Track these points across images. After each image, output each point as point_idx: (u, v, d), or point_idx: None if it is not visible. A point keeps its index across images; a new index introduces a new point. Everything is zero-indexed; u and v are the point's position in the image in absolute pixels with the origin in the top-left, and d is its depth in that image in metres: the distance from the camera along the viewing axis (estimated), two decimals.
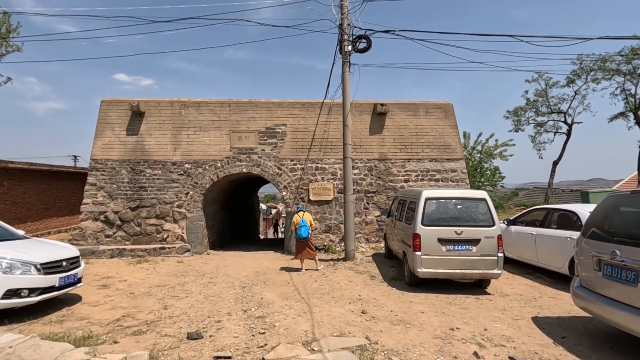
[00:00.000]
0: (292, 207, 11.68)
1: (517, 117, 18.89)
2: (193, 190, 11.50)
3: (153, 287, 7.26)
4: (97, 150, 11.47)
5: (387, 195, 12.01)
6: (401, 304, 5.78)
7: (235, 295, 6.58)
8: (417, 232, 6.38)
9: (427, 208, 6.49)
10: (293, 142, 11.94)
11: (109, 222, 11.17)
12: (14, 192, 13.10)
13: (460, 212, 6.50)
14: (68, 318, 5.44)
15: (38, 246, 6.08)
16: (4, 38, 11.36)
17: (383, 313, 5.36)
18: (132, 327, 5.02)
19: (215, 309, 5.74)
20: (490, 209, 6.44)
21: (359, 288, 6.77)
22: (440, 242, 6.31)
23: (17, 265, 5.21)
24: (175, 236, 11.31)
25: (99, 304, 6.23)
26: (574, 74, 16.57)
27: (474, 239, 6.27)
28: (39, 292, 5.33)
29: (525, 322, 4.99)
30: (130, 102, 11.44)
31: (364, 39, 9.42)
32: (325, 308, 5.61)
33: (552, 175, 18.18)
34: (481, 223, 6.38)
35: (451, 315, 5.27)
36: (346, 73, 9.57)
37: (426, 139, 12.41)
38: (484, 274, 6.29)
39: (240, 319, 5.26)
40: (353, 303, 5.86)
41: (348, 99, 9.68)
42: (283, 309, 5.68)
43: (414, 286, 6.78)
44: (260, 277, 8.05)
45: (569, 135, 17.98)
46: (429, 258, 6.30)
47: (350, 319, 5.09)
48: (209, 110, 11.84)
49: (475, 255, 6.25)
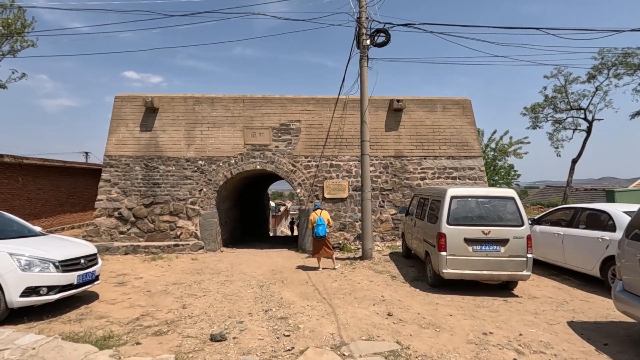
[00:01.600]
0: (307, 205, 11.52)
1: (535, 114, 18.45)
2: (207, 187, 11.39)
3: (170, 285, 7.15)
4: (111, 146, 11.40)
5: (403, 193, 11.78)
6: (427, 306, 5.58)
7: (254, 295, 6.43)
8: (442, 232, 6.16)
9: (452, 207, 6.26)
10: (307, 139, 11.76)
11: (122, 219, 11.12)
12: (29, 188, 13.13)
13: (488, 211, 6.26)
14: (87, 316, 5.34)
15: (56, 243, 5.98)
16: (19, 33, 11.33)
17: (410, 315, 5.16)
18: (153, 326, 4.90)
19: (235, 309, 5.60)
20: (519, 208, 6.19)
21: (381, 289, 6.58)
22: (467, 242, 6.09)
23: (36, 262, 5.11)
24: (189, 233, 11.22)
25: (116, 302, 6.14)
26: (595, 70, 16.12)
27: (502, 239, 6.03)
28: (57, 290, 5.23)
29: (561, 327, 4.75)
30: (144, 98, 11.35)
31: (383, 32, 9.17)
32: (349, 309, 5.43)
33: (570, 173, 17.72)
34: (509, 222, 6.13)
35: (481, 318, 5.06)
36: (364, 68, 9.34)
37: (443, 136, 12.14)
38: (513, 276, 6.05)
39: (262, 319, 5.10)
40: (377, 304, 5.67)
41: (366, 94, 9.46)
42: (305, 309, 5.52)
43: (437, 287, 6.57)
44: (277, 276, 7.90)
45: (589, 132, 17.50)
46: (454, 258, 6.07)
47: (376, 322, 4.91)
48: (222, 106, 11.70)
49: (504, 256, 6.01)
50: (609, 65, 15.92)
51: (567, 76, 17.19)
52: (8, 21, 10.87)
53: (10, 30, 10.98)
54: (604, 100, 17.16)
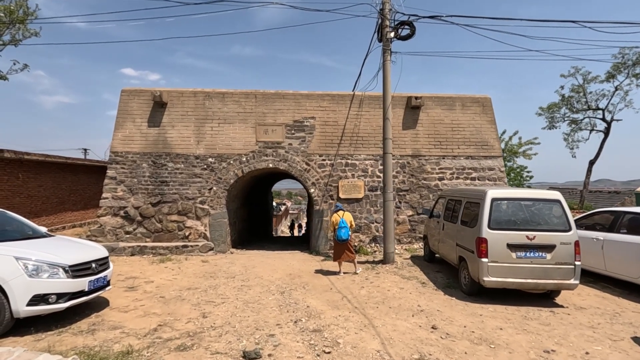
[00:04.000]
0: (321, 205, 11.06)
1: (551, 114, 18.00)
2: (217, 185, 10.90)
3: (184, 290, 6.67)
4: (117, 142, 10.89)
5: (420, 194, 11.33)
6: (471, 318, 5.13)
7: (276, 302, 5.97)
8: (483, 237, 5.71)
9: (494, 209, 5.81)
10: (322, 137, 11.29)
11: (129, 218, 10.61)
12: (29, 185, 12.59)
13: (532, 215, 5.81)
14: (99, 327, 4.85)
15: (64, 245, 5.48)
16: (21, 21, 10.77)
17: (456, 329, 4.71)
18: (174, 339, 4.42)
19: (261, 319, 5.13)
20: (565, 211, 5.75)
21: (414, 297, 6.12)
22: (510, 247, 5.64)
23: (44, 267, 4.61)
24: (198, 234, 10.73)
25: (129, 309, 5.65)
26: (614, 68, 15.70)
27: (548, 245, 5.59)
28: (67, 297, 4.73)
29: (627, 344, 4.31)
30: (152, 92, 10.85)
31: (407, 25, 8.72)
32: (387, 321, 4.97)
33: (587, 175, 17.28)
34: (556, 227, 5.69)
35: (535, 332, 4.61)
36: (387, 62, 8.88)
37: (462, 135, 11.70)
38: (560, 285, 5.61)
39: (294, 332, 4.64)
40: (416, 315, 5.21)
41: (389, 90, 9.00)
42: (338, 320, 5.05)
43: (474, 295, 6.12)
44: (297, 281, 7.43)
45: (607, 133, 17.07)
46: (497, 265, 5.62)
47: (422, 336, 4.45)
48: (233, 101, 11.21)
49: (550, 263, 5.57)
50: (629, 64, 15.50)
51: (585, 75, 16.76)
52: (10, 8, 10.32)
53: (12, 18, 10.43)
54: (624, 100, 16.71)
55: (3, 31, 10.75)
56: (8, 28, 10.67)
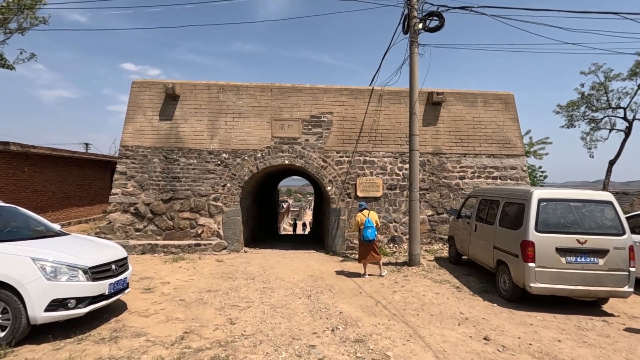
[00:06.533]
0: (338, 204, 10.67)
1: (570, 113, 17.59)
2: (230, 182, 10.50)
3: (203, 293, 6.30)
4: (127, 135, 10.48)
5: (441, 193, 10.95)
6: (522, 328, 4.75)
7: (305, 307, 5.59)
8: (529, 240, 5.33)
9: (541, 211, 5.43)
10: (340, 133, 10.88)
11: (139, 215, 10.22)
12: (35, 179, 12.19)
13: (582, 217, 5.43)
14: (121, 333, 4.47)
15: (82, 245, 5.08)
16: (30, 8, 10.32)
17: (510, 340, 4.33)
18: (205, 349, 4.04)
19: (294, 327, 4.75)
20: (618, 213, 5.37)
21: (453, 303, 5.74)
22: (559, 252, 5.26)
23: (63, 269, 4.21)
24: (211, 232, 10.35)
25: (149, 313, 5.27)
26: (637, 66, 15.27)
27: (600, 250, 5.21)
28: (87, 301, 4.34)
29: None
30: (164, 84, 10.43)
31: (436, 16, 8.30)
32: (433, 331, 4.59)
33: (607, 175, 16.89)
34: (608, 230, 5.31)
35: (598, 346, 4.24)
36: (415, 55, 8.47)
37: (484, 133, 11.31)
38: (612, 292, 5.23)
39: (334, 342, 4.26)
40: (462, 324, 4.83)
41: (416, 84, 8.61)
42: (378, 329, 4.68)
43: (515, 302, 5.75)
44: (320, 283, 7.06)
45: (629, 132, 16.66)
46: (545, 271, 5.25)
47: (477, 349, 4.07)
48: (249, 95, 10.80)
49: (603, 269, 5.20)
50: None
51: (607, 72, 16.33)
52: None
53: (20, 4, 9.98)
54: None
55: (11, 18, 10.30)
56: (16, 15, 10.21)
